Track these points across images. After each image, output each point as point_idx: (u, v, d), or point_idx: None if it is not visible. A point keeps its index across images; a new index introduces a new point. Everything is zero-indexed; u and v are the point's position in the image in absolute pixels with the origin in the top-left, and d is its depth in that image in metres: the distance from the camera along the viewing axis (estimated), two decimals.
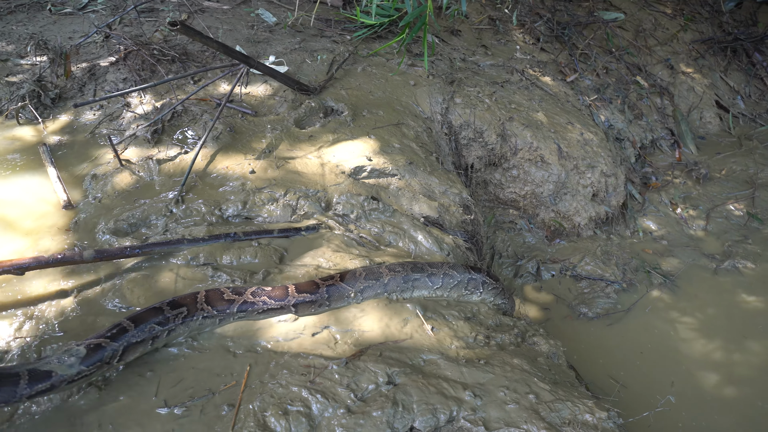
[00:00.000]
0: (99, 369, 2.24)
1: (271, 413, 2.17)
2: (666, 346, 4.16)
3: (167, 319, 2.44)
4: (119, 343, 2.28)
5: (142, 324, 2.37)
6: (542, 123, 5.17)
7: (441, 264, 3.10)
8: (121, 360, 2.31)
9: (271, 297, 2.62)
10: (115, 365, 2.31)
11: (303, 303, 2.66)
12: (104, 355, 2.23)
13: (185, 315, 2.49)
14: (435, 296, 3.07)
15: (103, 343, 2.24)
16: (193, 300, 2.54)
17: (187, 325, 2.51)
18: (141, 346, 2.37)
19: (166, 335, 2.46)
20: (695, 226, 5.48)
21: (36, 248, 3.07)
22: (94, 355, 2.20)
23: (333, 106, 4.54)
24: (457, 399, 2.36)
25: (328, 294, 2.71)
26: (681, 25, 7.59)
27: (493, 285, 3.27)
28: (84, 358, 2.18)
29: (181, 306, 2.49)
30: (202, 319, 2.54)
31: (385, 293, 2.88)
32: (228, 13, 5.74)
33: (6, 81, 4.50)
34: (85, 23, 5.41)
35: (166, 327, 2.44)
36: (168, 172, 3.72)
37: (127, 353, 2.33)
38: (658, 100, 6.66)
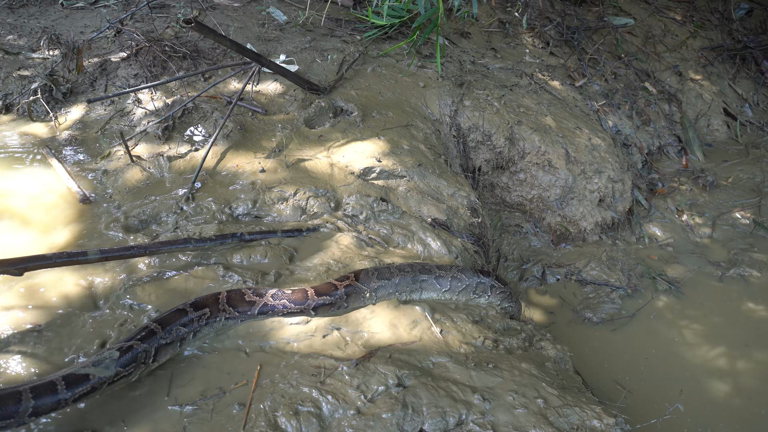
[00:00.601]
0: (136, 369, 2.27)
1: (282, 413, 2.18)
2: (671, 352, 4.17)
3: (191, 320, 2.47)
4: (149, 344, 2.32)
5: (169, 326, 2.40)
6: (550, 127, 5.17)
7: (449, 267, 3.12)
8: (155, 360, 2.36)
9: (291, 300, 2.63)
10: (151, 365, 2.34)
11: (323, 306, 2.68)
12: (137, 354, 2.26)
13: (208, 316, 2.51)
14: (443, 299, 3.09)
15: (134, 345, 2.28)
16: (215, 301, 2.55)
17: (211, 326, 2.55)
18: (171, 347, 2.41)
19: (192, 336, 2.49)
20: (701, 233, 5.48)
21: (50, 242, 3.08)
22: (127, 356, 2.24)
23: (343, 106, 4.55)
24: (466, 402, 2.37)
25: (347, 295, 2.73)
26: (690, 31, 7.58)
27: (501, 289, 3.29)
28: (118, 360, 2.21)
29: (204, 307, 2.51)
30: (225, 320, 2.56)
31: (396, 293, 2.90)
32: (239, 11, 5.75)
33: (18, 75, 4.52)
34: (97, 18, 5.43)
35: (191, 328, 2.47)
36: (178, 169, 3.74)
37: (159, 354, 2.36)
38: (666, 107, 6.66)
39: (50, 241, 3.11)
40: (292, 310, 2.62)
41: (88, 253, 2.76)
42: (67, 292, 2.76)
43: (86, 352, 2.48)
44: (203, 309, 2.50)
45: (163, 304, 2.71)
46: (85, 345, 2.50)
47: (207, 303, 2.53)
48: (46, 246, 3.08)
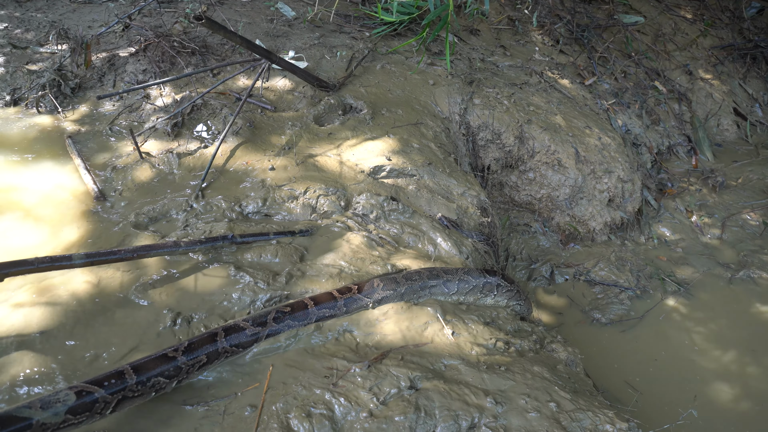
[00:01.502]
0: (89, 419, 2.01)
1: (295, 415, 2.17)
2: (680, 355, 4.14)
3: (179, 370, 2.22)
4: (112, 392, 2.05)
5: (146, 373, 2.13)
6: (560, 126, 5.14)
7: (456, 270, 3.10)
8: (114, 411, 2.09)
9: (293, 318, 2.56)
10: (106, 416, 2.07)
11: (323, 318, 2.66)
12: (95, 401, 2.01)
13: (203, 363, 2.29)
14: (451, 300, 3.07)
15: (94, 390, 2.02)
16: (213, 340, 2.33)
17: (206, 370, 2.34)
18: (140, 399, 2.15)
19: (175, 383, 2.25)
20: (710, 234, 5.45)
21: (60, 239, 3.07)
22: (83, 400, 1.98)
23: (352, 103, 4.52)
24: (479, 406, 2.36)
25: (346, 305, 2.70)
26: (701, 30, 7.52)
27: (508, 288, 3.27)
28: (72, 405, 1.95)
29: (198, 351, 2.27)
30: (224, 358, 2.38)
31: (402, 301, 2.88)
32: (247, 6, 5.72)
33: (26, 69, 4.50)
34: (105, 12, 5.40)
35: (177, 377, 2.23)
36: (188, 166, 3.72)
37: (121, 405, 2.09)
38: (675, 106, 6.61)
39: (60, 238, 3.10)
40: (294, 326, 2.58)
41: (72, 257, 2.62)
42: (76, 290, 2.74)
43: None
44: (197, 353, 2.25)
45: (173, 303, 2.69)
46: (100, 348, 2.49)
47: (203, 344, 2.28)
48: (55, 243, 3.07)
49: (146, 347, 2.47)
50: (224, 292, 2.77)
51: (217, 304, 2.72)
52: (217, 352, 2.32)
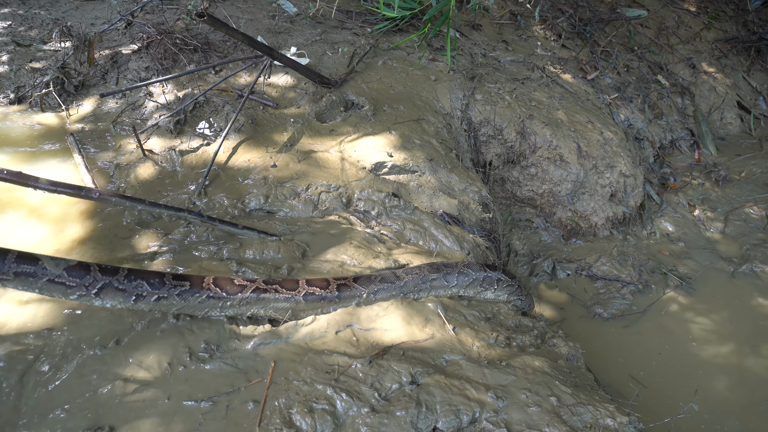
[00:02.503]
0: (75, 289, 2.36)
1: (297, 410, 2.20)
2: (683, 349, 4.15)
3: (164, 283, 2.47)
4: (99, 284, 2.38)
5: (139, 279, 2.44)
6: (562, 121, 5.13)
7: (456, 263, 3.11)
8: (98, 296, 2.40)
9: (282, 286, 2.64)
10: (94, 298, 2.40)
11: (312, 297, 2.68)
12: (85, 280, 2.36)
13: (185, 289, 2.51)
14: (450, 294, 3.09)
15: (90, 267, 2.39)
16: (200, 281, 2.56)
17: (184, 299, 2.51)
18: (121, 295, 2.42)
19: (154, 300, 2.47)
20: (713, 228, 5.44)
21: (62, 236, 3.10)
22: (76, 271, 2.35)
23: (354, 99, 4.53)
24: (480, 400, 2.38)
25: (338, 290, 2.72)
26: (705, 23, 7.48)
27: (508, 282, 3.27)
28: (68, 269, 2.34)
29: (183, 280, 2.53)
30: (207, 298, 2.54)
31: (401, 294, 2.89)
32: (249, 3, 5.73)
33: (30, 67, 4.53)
34: (107, 9, 5.42)
35: (159, 291, 2.45)
36: (190, 163, 3.74)
37: (104, 295, 2.41)
38: (678, 100, 6.59)
39: (63, 235, 3.13)
40: (282, 293, 2.63)
41: (39, 179, 2.83)
42: None
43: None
44: (184, 281, 2.51)
45: None
46: (102, 340, 2.52)
47: (192, 279, 2.54)
48: (58, 240, 3.10)
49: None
50: None
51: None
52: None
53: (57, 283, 2.35)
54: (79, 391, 2.29)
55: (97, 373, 2.35)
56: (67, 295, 2.40)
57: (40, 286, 2.33)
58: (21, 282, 2.30)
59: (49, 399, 2.26)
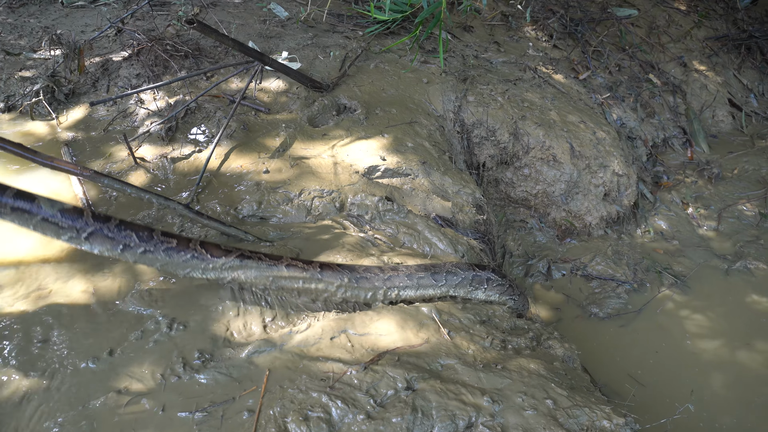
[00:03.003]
0: (67, 231, 2.51)
1: (292, 419, 2.19)
2: (679, 347, 4.16)
3: (152, 237, 2.59)
4: (90, 229, 2.52)
5: (129, 230, 2.58)
6: (555, 122, 5.14)
7: (445, 263, 3.11)
8: (88, 241, 2.54)
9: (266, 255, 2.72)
10: (83, 242, 2.55)
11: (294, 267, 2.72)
12: (77, 224, 2.50)
13: (172, 247, 2.61)
14: (440, 293, 3.07)
15: (83, 212, 2.55)
16: (187, 242, 2.68)
17: (169, 256, 2.61)
18: (109, 243, 2.55)
19: (140, 252, 2.59)
20: (707, 226, 5.46)
21: (52, 247, 3.08)
22: (70, 213, 2.50)
23: (346, 103, 4.53)
24: (476, 405, 2.37)
25: (321, 274, 2.75)
26: (695, 21, 7.51)
27: (498, 282, 3.23)
28: (63, 210, 2.50)
29: (172, 237, 2.66)
30: (190, 258, 2.64)
31: (384, 287, 2.87)
32: (240, 7, 5.71)
33: (20, 76, 4.50)
34: (97, 17, 5.39)
35: (146, 244, 2.58)
36: (182, 170, 3.72)
37: (93, 241, 2.54)
38: (670, 98, 6.61)
39: (53, 246, 3.10)
40: (265, 261, 2.69)
41: (37, 152, 2.90)
42: (71, 293, 2.76)
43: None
44: (171, 238, 2.64)
45: (169, 311, 2.71)
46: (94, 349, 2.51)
47: (179, 238, 2.67)
48: (48, 251, 3.07)
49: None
50: (219, 296, 2.78)
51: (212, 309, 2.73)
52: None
53: (50, 222, 2.50)
54: (72, 403, 2.27)
55: (90, 385, 2.34)
56: (58, 236, 2.54)
57: (35, 223, 2.48)
58: (17, 217, 2.48)
59: (41, 412, 2.24)
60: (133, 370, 2.39)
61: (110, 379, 2.36)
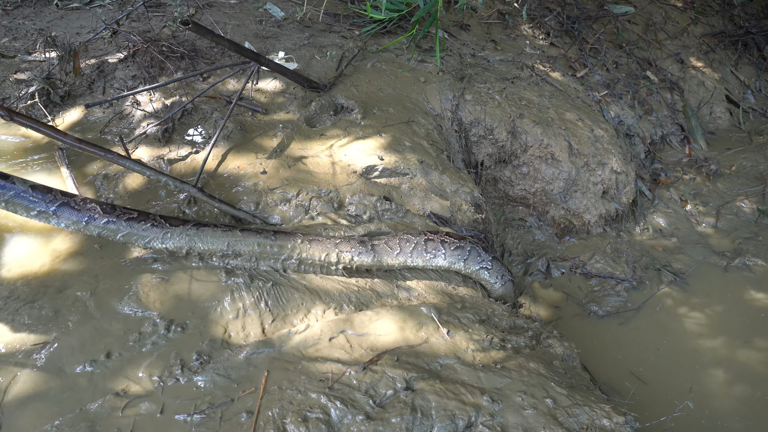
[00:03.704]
0: (36, 206, 2.74)
1: (291, 420, 2.18)
2: (678, 345, 4.16)
3: (114, 209, 2.84)
4: (57, 203, 2.76)
5: (93, 203, 2.83)
6: (553, 120, 5.13)
7: (399, 232, 3.09)
8: (55, 215, 2.79)
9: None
10: (51, 216, 2.78)
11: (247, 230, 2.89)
12: (45, 198, 2.74)
13: (133, 218, 2.86)
14: (398, 263, 3.06)
15: (52, 190, 2.79)
16: (147, 214, 2.95)
17: (131, 226, 2.83)
18: (75, 215, 2.80)
19: (103, 223, 2.82)
20: (705, 223, 5.46)
21: (50, 249, 3.06)
22: (39, 190, 2.75)
23: (343, 103, 4.51)
24: (475, 404, 2.36)
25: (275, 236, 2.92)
26: (691, 18, 7.51)
27: (456, 245, 3.11)
28: (32, 187, 2.74)
29: (132, 211, 2.91)
30: (150, 226, 2.86)
31: (337, 250, 2.94)
32: (235, 8, 5.70)
33: (14, 78, 4.48)
34: (92, 18, 5.37)
35: (109, 216, 2.82)
36: (179, 171, 3.71)
37: (61, 212, 2.78)
38: (668, 95, 6.61)
39: (50, 249, 3.09)
40: (220, 228, 2.91)
41: (67, 134, 3.15)
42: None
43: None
44: (131, 212, 2.89)
45: (167, 312, 2.69)
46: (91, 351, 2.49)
47: (140, 212, 2.95)
48: (47, 254, 3.06)
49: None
50: (216, 298, 2.77)
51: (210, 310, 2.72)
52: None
53: (21, 197, 2.73)
54: (70, 406, 2.26)
55: (88, 388, 2.32)
56: (28, 211, 2.77)
57: (6, 199, 2.71)
58: None
59: (39, 414, 2.23)
60: (131, 373, 2.38)
61: (108, 382, 2.34)
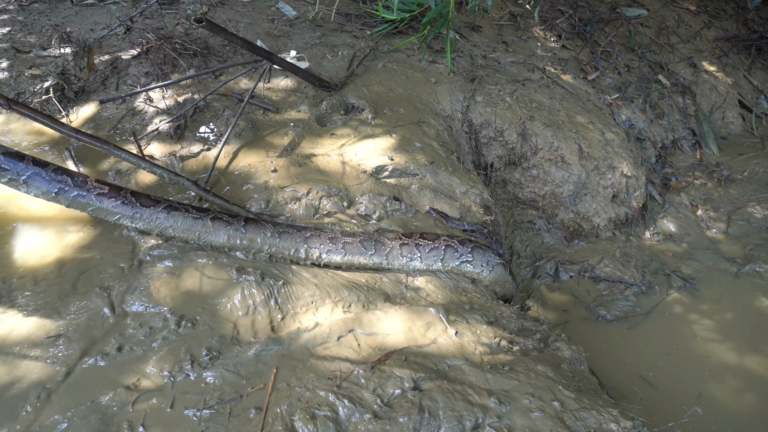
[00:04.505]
0: (8, 173, 2.80)
1: (299, 417, 2.19)
2: (687, 350, 4.13)
3: (85, 182, 2.86)
4: (29, 172, 2.78)
5: (65, 174, 2.84)
6: (563, 122, 5.12)
7: (372, 232, 3.07)
8: (26, 184, 2.82)
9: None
10: (21, 184, 2.83)
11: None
12: (18, 167, 2.78)
13: (104, 193, 2.88)
14: (372, 264, 3.03)
15: (25, 157, 2.81)
16: (119, 189, 2.97)
17: (100, 201, 2.88)
18: (45, 185, 2.83)
19: (72, 196, 2.86)
20: (716, 228, 5.42)
21: (63, 242, 3.09)
22: (13, 158, 2.78)
23: (354, 103, 4.52)
24: (483, 406, 2.36)
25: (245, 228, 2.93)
26: (705, 22, 7.46)
27: (431, 246, 3.04)
28: (4, 154, 2.77)
29: (105, 185, 2.93)
30: (120, 204, 2.90)
31: (305, 245, 2.94)
32: (248, 6, 5.72)
33: (30, 73, 4.52)
34: (107, 15, 5.41)
35: (79, 189, 2.84)
36: (191, 168, 3.73)
37: (30, 184, 2.81)
38: (680, 100, 6.57)
39: (63, 242, 3.12)
40: (191, 214, 2.94)
41: (64, 125, 3.21)
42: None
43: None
44: (104, 186, 2.91)
45: (177, 308, 2.71)
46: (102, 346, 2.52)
47: (111, 186, 2.95)
48: (60, 247, 3.09)
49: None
50: (226, 294, 2.79)
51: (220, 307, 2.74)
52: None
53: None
54: (81, 399, 2.28)
55: (99, 380, 2.35)
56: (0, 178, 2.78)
57: None
58: None
59: (50, 407, 2.25)
60: (142, 367, 2.40)
61: (119, 375, 2.37)
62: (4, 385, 2.33)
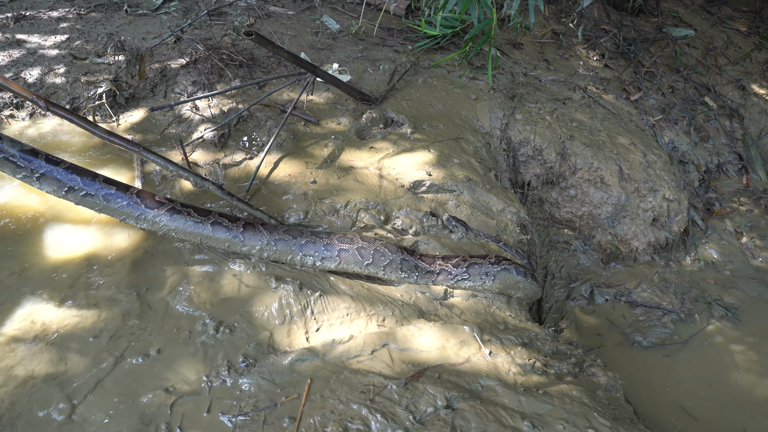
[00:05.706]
0: (22, 170, 2.86)
1: (332, 429, 2.21)
2: (727, 382, 3.99)
3: (94, 182, 2.91)
4: (43, 170, 2.86)
5: (75, 174, 2.91)
6: (604, 143, 5.05)
7: (374, 240, 3.07)
8: (39, 180, 2.89)
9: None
10: (35, 181, 2.90)
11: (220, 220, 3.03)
12: (32, 164, 2.86)
13: (111, 193, 2.94)
14: (367, 272, 3.05)
15: (39, 154, 2.88)
16: (126, 188, 3.01)
17: (107, 201, 2.93)
18: (56, 184, 2.89)
19: (81, 195, 2.92)
20: (762, 257, 5.24)
21: (112, 242, 3.20)
22: (29, 155, 2.85)
23: (393, 117, 4.57)
24: (516, 429, 2.34)
25: (243, 233, 2.98)
26: (755, 43, 7.26)
27: (427, 269, 3.04)
28: (22, 150, 2.82)
29: (112, 184, 2.98)
30: (126, 205, 2.96)
31: (300, 253, 2.98)
32: (293, 19, 5.86)
33: (85, 80, 4.73)
34: (158, 25, 5.62)
35: (88, 188, 2.91)
36: (233, 176, 3.83)
37: (43, 181, 2.88)
38: (726, 123, 6.39)
39: (113, 242, 3.23)
40: (193, 217, 2.99)
41: (97, 125, 3.31)
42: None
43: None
44: (111, 185, 2.96)
45: (216, 313, 2.78)
46: (139, 348, 2.59)
47: (118, 185, 3.02)
48: (107, 247, 3.20)
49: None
50: (264, 303, 2.84)
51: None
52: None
53: (9, 161, 2.82)
54: (122, 397, 2.36)
55: (140, 381, 2.42)
56: (14, 174, 2.87)
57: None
58: None
59: (91, 406, 2.33)
60: (181, 370, 2.46)
61: (159, 377, 2.43)
62: (51, 374, 2.42)
